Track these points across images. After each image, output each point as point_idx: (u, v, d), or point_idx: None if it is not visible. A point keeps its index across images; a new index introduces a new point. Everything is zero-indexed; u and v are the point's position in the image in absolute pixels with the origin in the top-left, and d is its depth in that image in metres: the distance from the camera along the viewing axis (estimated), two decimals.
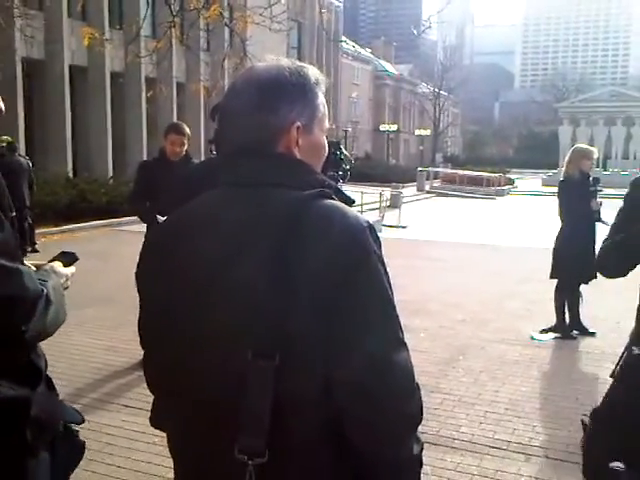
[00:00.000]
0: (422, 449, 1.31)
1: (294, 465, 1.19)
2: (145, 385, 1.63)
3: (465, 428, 4.15)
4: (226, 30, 12.44)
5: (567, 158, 6.14)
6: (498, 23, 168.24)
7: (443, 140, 74.33)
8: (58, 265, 1.63)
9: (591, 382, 5.00)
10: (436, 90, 64.25)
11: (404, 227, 16.51)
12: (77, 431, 1.67)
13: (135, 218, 13.59)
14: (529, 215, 20.27)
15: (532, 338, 6.23)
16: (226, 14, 11.37)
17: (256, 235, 1.20)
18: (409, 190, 29.47)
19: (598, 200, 6.07)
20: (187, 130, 5.19)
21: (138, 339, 5.31)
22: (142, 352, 4.85)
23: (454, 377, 5.14)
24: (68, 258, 1.70)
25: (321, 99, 1.36)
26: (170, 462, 3.50)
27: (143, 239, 5.34)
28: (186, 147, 5.12)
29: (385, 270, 1.23)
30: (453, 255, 11.70)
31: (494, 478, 3.51)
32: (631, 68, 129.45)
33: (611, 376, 2.92)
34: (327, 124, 1.40)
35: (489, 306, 7.58)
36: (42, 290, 1.39)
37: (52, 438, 1.55)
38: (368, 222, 1.23)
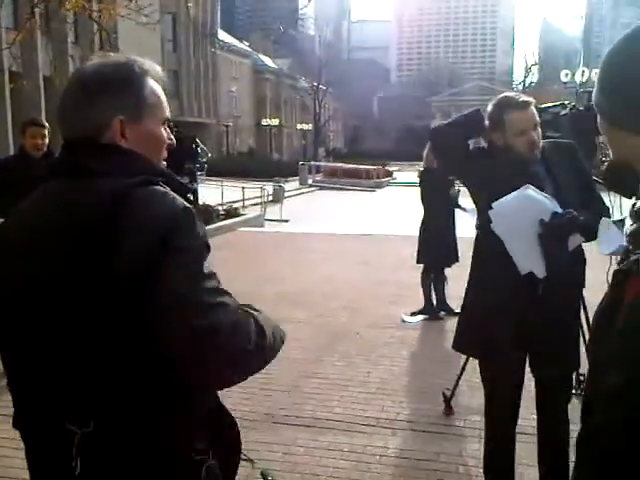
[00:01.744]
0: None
1: (117, 435, 1.26)
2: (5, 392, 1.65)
3: (338, 409, 4.36)
4: (94, 23, 12.05)
5: (426, 149, 6.51)
6: (374, 18, 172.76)
7: (325, 134, 75.51)
8: None
9: (453, 357, 5.32)
10: (315, 85, 65.07)
11: (286, 221, 16.73)
12: None
13: None
14: (405, 205, 21.06)
15: (403, 321, 6.58)
16: (95, 6, 11.05)
17: (75, 218, 1.25)
18: (292, 184, 29.80)
19: (456, 187, 6.51)
20: (46, 123, 5.05)
21: None
22: None
23: (330, 362, 5.34)
24: None
25: (150, 89, 1.39)
26: None
27: None
28: (47, 141, 4.97)
29: (200, 252, 1.26)
30: (332, 246, 12.01)
31: (363, 453, 3.73)
32: (497, 64, 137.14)
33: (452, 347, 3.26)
34: (166, 113, 1.44)
35: (364, 294, 7.88)
36: None
37: None
38: (185, 206, 1.27)
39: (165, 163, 1.48)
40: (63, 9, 8.85)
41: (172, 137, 1.49)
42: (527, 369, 2.97)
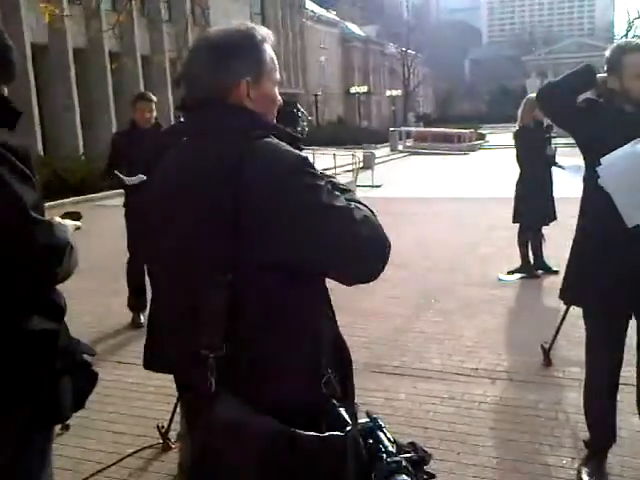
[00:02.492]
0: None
1: (244, 354, 1.45)
2: (135, 343, 1.90)
3: (436, 360, 4.50)
4: (187, 0, 12.44)
5: (521, 108, 6.42)
6: None
7: (415, 100, 74.26)
8: (66, 221, 1.87)
9: (552, 313, 5.35)
10: (403, 50, 63.92)
11: (378, 186, 16.78)
12: (90, 363, 1.93)
13: (110, 192, 13.66)
14: (499, 167, 20.62)
15: (499, 279, 6.60)
16: None
17: (207, 175, 1.44)
18: (382, 151, 29.72)
19: (552, 146, 6.40)
20: (154, 97, 5.39)
21: (125, 304, 5.59)
22: (129, 315, 5.20)
23: (426, 318, 5.48)
24: (73, 216, 1.96)
25: (269, 54, 1.56)
26: (164, 405, 3.81)
27: (123, 208, 5.58)
28: (155, 114, 5.32)
29: (318, 182, 1.44)
30: (426, 210, 12.03)
31: (462, 400, 3.86)
32: (597, 19, 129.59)
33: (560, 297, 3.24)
34: (277, 76, 1.62)
35: (459, 254, 7.92)
36: (67, 239, 1.65)
37: (72, 366, 1.81)
38: (301, 155, 1.47)
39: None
40: None
41: (280, 98, 1.66)
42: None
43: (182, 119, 1.63)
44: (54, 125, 22.13)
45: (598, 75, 2.90)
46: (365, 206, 1.55)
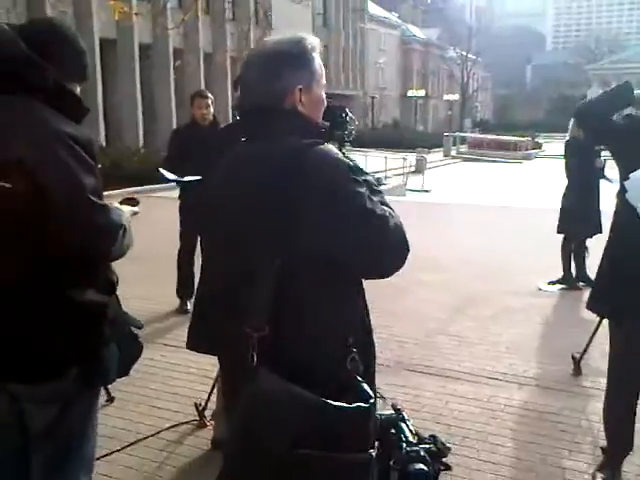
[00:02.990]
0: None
1: (289, 333, 1.63)
2: (181, 327, 2.11)
3: (467, 363, 4.62)
4: (251, 1, 12.75)
5: (572, 120, 6.44)
6: None
7: (472, 105, 73.48)
8: (123, 206, 2.11)
9: (588, 325, 5.38)
10: (463, 54, 63.31)
11: (427, 191, 16.85)
12: (137, 335, 2.16)
13: (165, 185, 14.05)
14: (553, 177, 20.33)
15: (539, 289, 6.64)
16: None
17: (268, 172, 1.63)
18: (435, 155, 29.61)
19: (602, 158, 6.40)
20: (210, 94, 5.65)
21: (174, 290, 5.86)
22: (177, 301, 5.52)
23: (461, 322, 5.59)
24: (132, 201, 2.20)
25: (317, 62, 1.74)
26: (202, 386, 4.06)
27: (178, 200, 5.85)
28: (212, 111, 5.55)
29: (361, 189, 1.63)
30: (474, 217, 12.04)
31: (488, 401, 3.98)
32: None
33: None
34: (324, 80, 1.80)
35: (503, 262, 7.96)
36: (122, 222, 1.88)
37: (120, 336, 2.03)
38: (347, 161, 1.66)
39: None
40: None
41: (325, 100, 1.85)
42: None
43: (238, 118, 1.83)
44: (117, 117, 22.90)
45: (637, 91, 2.99)
46: (390, 207, 1.74)
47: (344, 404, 1.61)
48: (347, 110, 2.90)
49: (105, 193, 2.06)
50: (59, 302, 1.81)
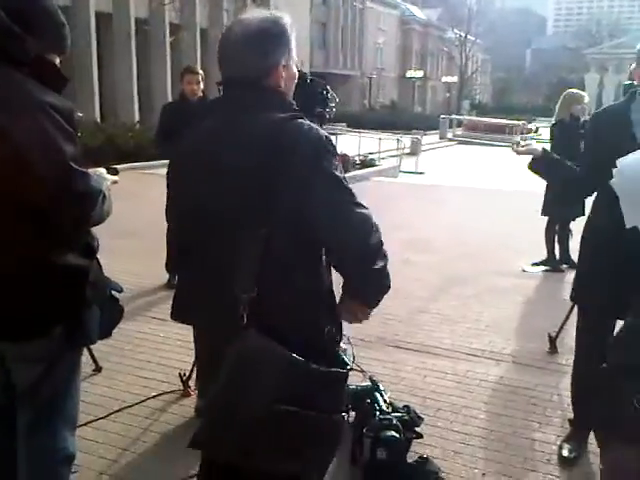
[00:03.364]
0: (386, 263, 1.82)
1: (276, 294, 1.75)
2: (169, 301, 2.21)
3: (447, 340, 4.75)
4: None
5: (559, 102, 6.52)
6: None
7: (471, 88, 73.24)
8: (104, 173, 2.20)
9: (568, 306, 5.52)
10: (462, 35, 62.95)
11: (421, 173, 16.90)
12: (118, 299, 2.26)
13: (160, 162, 14.09)
14: None
15: (523, 270, 6.77)
16: None
17: (249, 144, 1.72)
18: (431, 138, 29.60)
19: None
20: (200, 71, 5.70)
21: (163, 266, 5.95)
22: (166, 276, 5.58)
23: (444, 301, 5.72)
24: (112, 171, 2.28)
25: (293, 40, 1.83)
26: (188, 357, 4.15)
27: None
28: (202, 87, 5.61)
29: (336, 165, 1.74)
30: (465, 199, 12.13)
31: (464, 376, 4.11)
32: None
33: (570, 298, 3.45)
34: (296, 56, 1.88)
35: (490, 243, 8.08)
36: (101, 188, 1.97)
37: (101, 299, 2.13)
38: (325, 134, 1.76)
39: (297, 106, 1.93)
40: None
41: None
42: None
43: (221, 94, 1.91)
44: (112, 93, 22.83)
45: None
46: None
47: (325, 368, 1.74)
48: (328, 88, 2.98)
49: (99, 169, 2.15)
50: (42, 265, 1.90)
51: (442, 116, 34.51)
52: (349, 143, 17.43)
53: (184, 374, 3.75)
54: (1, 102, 1.78)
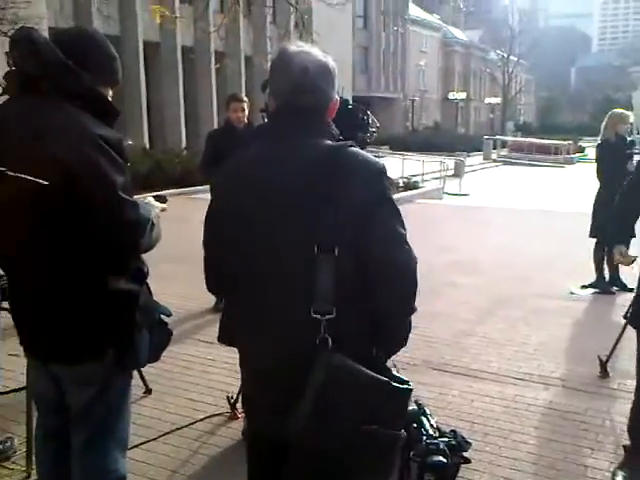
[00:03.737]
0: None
1: (348, 315, 1.77)
2: (215, 324, 2.22)
3: (494, 363, 4.69)
4: (291, 7, 12.96)
5: (604, 122, 6.44)
6: None
7: (515, 108, 72.57)
8: (153, 200, 2.28)
9: (618, 329, 5.38)
10: (504, 56, 62.57)
11: (466, 195, 16.78)
12: (167, 322, 2.32)
13: (207, 187, 14.38)
14: (594, 182, 20.05)
15: (571, 292, 6.64)
16: None
17: (305, 168, 1.76)
18: (475, 159, 29.41)
19: (634, 162, 6.36)
20: (245, 98, 5.83)
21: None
22: (212, 299, 5.63)
23: (491, 323, 5.65)
24: (161, 199, 2.36)
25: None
26: (235, 380, 4.21)
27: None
28: (247, 113, 5.73)
29: (391, 192, 1.83)
30: (510, 220, 12.00)
31: (513, 401, 4.05)
32: None
33: (624, 317, 3.39)
34: None
35: (537, 265, 7.96)
36: (150, 217, 2.04)
37: (151, 323, 2.20)
38: (383, 165, 1.82)
39: (339, 131, 1.97)
40: None
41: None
42: None
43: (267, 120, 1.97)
44: (160, 119, 23.38)
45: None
46: None
47: (402, 385, 1.79)
48: (369, 112, 3.03)
49: (147, 194, 2.23)
50: (94, 290, 1.98)
51: (486, 137, 34.29)
52: (392, 165, 17.41)
53: (231, 397, 3.80)
54: (57, 134, 1.87)
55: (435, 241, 9.27)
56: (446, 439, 3.05)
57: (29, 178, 1.84)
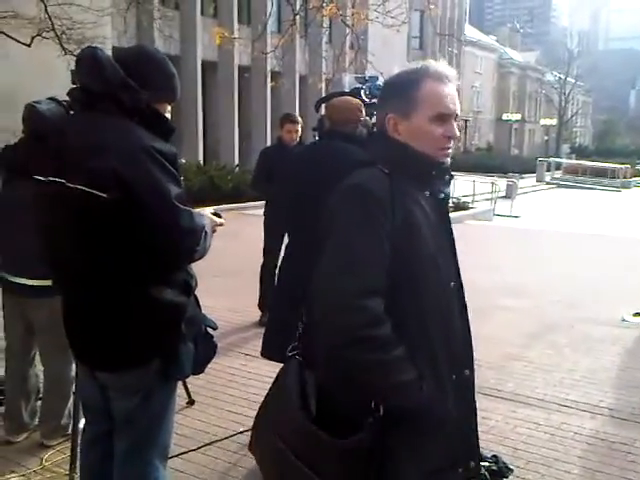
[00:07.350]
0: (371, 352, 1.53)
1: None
2: (260, 338, 2.20)
3: (540, 389, 4.60)
4: (347, 28, 13.13)
5: None
6: (635, 7, 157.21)
7: (571, 130, 71.26)
8: (210, 213, 2.34)
9: None
10: (561, 77, 61.58)
11: (517, 217, 16.53)
12: (212, 335, 2.37)
13: (257, 203, 14.58)
14: None
15: (623, 320, 6.47)
16: (347, 12, 12.05)
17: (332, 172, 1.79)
18: (528, 181, 28.96)
19: None
20: (299, 119, 5.92)
21: (256, 303, 6.08)
22: (258, 314, 5.70)
23: (538, 349, 5.54)
24: (217, 215, 2.43)
25: (423, 91, 1.67)
26: None
27: (263, 217, 6.13)
28: (299, 134, 5.82)
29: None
30: (562, 244, 11.76)
31: (558, 428, 3.96)
32: None
33: None
34: (441, 110, 1.68)
35: (587, 290, 7.79)
36: (204, 226, 2.11)
37: (196, 335, 2.25)
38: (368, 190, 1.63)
39: None
40: (320, 15, 9.93)
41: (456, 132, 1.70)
42: None
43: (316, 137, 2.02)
44: (215, 137, 23.85)
45: None
46: None
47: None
48: None
49: (200, 209, 2.29)
50: (143, 300, 2.05)
51: (539, 159, 33.73)
52: None
53: None
54: (115, 148, 1.95)
55: (483, 262, 9.16)
56: (487, 464, 3.01)
57: (87, 190, 1.92)
